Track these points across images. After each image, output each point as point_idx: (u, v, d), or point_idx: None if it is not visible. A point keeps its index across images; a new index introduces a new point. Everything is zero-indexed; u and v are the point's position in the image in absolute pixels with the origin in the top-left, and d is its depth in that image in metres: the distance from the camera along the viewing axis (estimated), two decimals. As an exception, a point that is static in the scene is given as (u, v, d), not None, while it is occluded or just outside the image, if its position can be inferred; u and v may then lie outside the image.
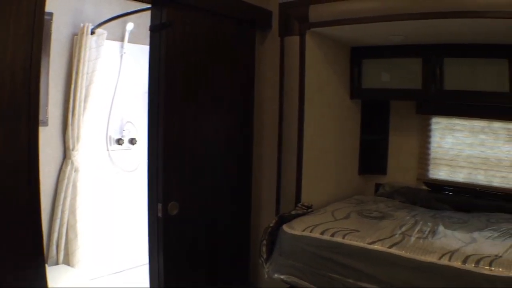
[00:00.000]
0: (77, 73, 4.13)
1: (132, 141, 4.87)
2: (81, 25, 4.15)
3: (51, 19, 3.99)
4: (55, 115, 4.15)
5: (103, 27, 4.27)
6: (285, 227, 3.32)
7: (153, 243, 3.15)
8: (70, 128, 4.14)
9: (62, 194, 4.15)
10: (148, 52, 3.16)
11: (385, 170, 4.64)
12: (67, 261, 4.21)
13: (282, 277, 3.26)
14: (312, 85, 3.77)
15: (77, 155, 4.19)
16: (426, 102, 4.32)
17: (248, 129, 3.82)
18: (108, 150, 4.69)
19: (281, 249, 3.29)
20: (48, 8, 2.92)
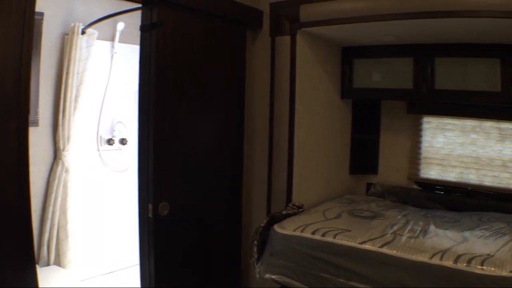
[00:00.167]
0: (67, 73, 4.12)
1: (123, 141, 4.87)
2: (72, 24, 4.14)
3: (42, 19, 3.99)
4: (45, 115, 4.14)
5: (93, 26, 4.26)
6: (276, 227, 3.31)
7: (143, 243, 3.15)
8: (60, 128, 4.13)
9: (53, 195, 4.15)
10: (138, 52, 3.15)
11: (376, 169, 4.65)
12: (58, 262, 4.20)
13: (273, 277, 3.25)
14: (302, 85, 3.77)
15: (68, 155, 4.18)
16: (417, 101, 4.33)
17: (239, 129, 3.82)
18: (98, 150, 4.68)
19: (272, 249, 3.28)
20: (39, 8, 2.91)
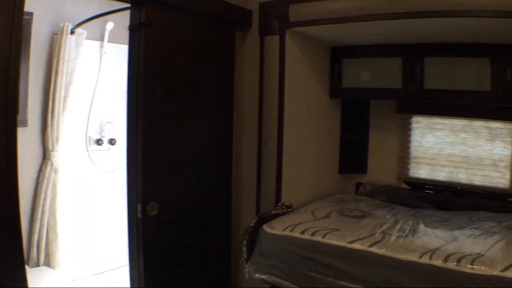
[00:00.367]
0: (56, 73, 4.10)
1: (112, 142, 4.86)
2: (61, 24, 4.12)
3: (31, 19, 3.96)
4: (34, 115, 4.12)
5: (83, 26, 4.25)
6: (265, 226, 3.31)
7: (133, 244, 3.14)
8: (49, 129, 4.11)
9: (42, 195, 4.13)
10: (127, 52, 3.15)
11: (365, 169, 4.66)
12: (48, 263, 4.18)
13: (263, 276, 3.26)
14: (291, 84, 3.78)
15: (57, 155, 4.17)
16: (406, 101, 4.34)
17: (229, 129, 3.81)
18: (87, 150, 4.67)
19: (262, 249, 3.28)
20: (28, 8, 2.90)
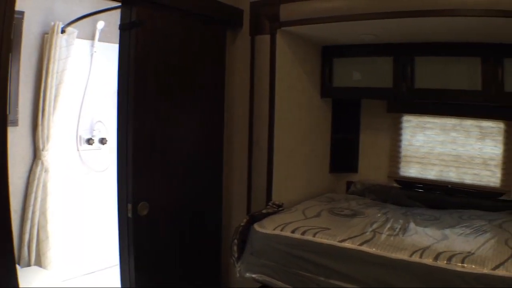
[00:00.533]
0: (47, 72, 4.09)
1: (103, 141, 4.85)
2: (52, 23, 4.11)
3: (22, 18, 3.94)
4: (25, 114, 4.10)
5: (73, 25, 4.23)
6: (256, 226, 3.31)
7: (123, 243, 3.14)
8: (40, 128, 4.10)
9: (33, 195, 4.12)
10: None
11: (356, 168, 4.67)
12: (39, 262, 4.17)
13: (253, 276, 3.25)
14: (282, 84, 3.78)
15: (47, 155, 4.16)
16: (397, 100, 4.35)
17: (219, 128, 3.81)
18: (78, 150, 4.66)
19: (252, 248, 3.28)
20: (19, 7, 2.89)
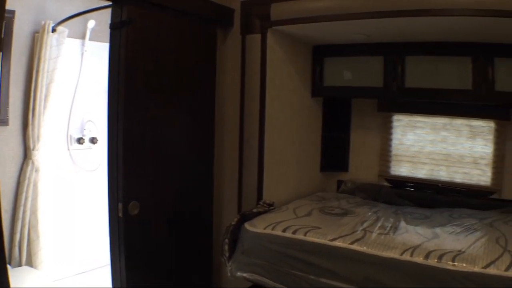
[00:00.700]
0: (37, 71, 4.06)
1: (93, 140, 4.82)
2: (42, 22, 4.09)
3: (13, 17, 3.92)
4: (15, 114, 4.08)
5: (64, 24, 4.20)
6: (247, 225, 3.32)
7: (114, 243, 3.12)
8: (30, 127, 4.07)
9: (23, 195, 4.09)
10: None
11: (347, 167, 4.69)
12: (30, 262, 4.15)
13: (244, 275, 3.26)
14: (273, 83, 3.79)
15: (38, 154, 4.13)
16: (387, 100, 4.36)
17: (210, 127, 3.80)
18: (69, 149, 4.63)
19: (243, 247, 3.29)
20: (10, 6, 2.87)
